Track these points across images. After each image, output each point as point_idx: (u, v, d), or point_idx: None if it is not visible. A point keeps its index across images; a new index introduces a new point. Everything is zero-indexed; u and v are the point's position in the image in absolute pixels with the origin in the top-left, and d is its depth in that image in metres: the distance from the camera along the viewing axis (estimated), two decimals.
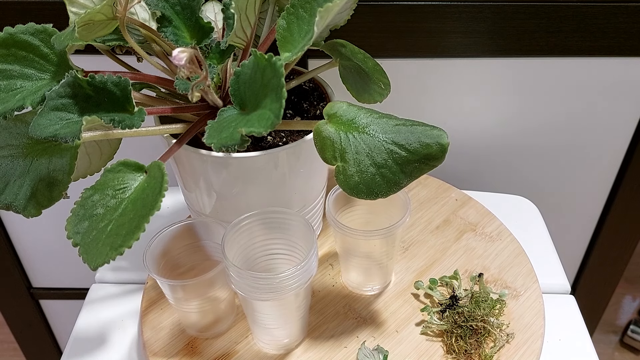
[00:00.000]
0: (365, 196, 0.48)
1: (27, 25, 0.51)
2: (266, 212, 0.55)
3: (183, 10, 0.54)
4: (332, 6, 0.44)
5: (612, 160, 0.93)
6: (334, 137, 0.48)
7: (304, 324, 0.59)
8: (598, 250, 1.04)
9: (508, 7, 0.75)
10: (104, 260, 0.41)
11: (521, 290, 0.65)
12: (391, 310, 0.63)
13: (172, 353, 0.59)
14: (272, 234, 0.56)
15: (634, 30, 0.77)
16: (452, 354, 0.58)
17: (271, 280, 0.50)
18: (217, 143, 0.45)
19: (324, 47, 0.59)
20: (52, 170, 0.51)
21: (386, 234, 0.57)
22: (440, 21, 0.76)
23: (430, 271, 0.67)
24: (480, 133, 0.90)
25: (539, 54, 0.80)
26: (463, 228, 0.73)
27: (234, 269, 0.50)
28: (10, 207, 0.52)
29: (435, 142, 0.48)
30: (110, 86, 0.47)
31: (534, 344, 0.59)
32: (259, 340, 0.59)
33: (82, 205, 0.44)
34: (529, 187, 0.96)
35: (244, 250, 0.56)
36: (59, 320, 1.16)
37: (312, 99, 0.66)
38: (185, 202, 0.66)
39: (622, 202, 0.96)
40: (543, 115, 0.87)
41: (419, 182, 0.79)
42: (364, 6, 0.74)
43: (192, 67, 0.47)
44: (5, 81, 0.51)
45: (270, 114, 0.43)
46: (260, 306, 0.54)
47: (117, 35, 0.55)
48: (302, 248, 0.55)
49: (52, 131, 0.45)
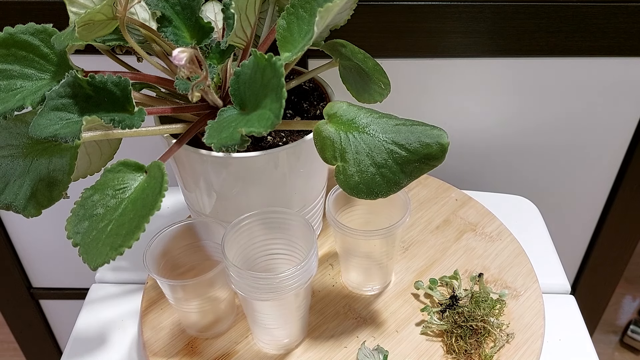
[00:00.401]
0: (365, 196, 0.48)
1: (27, 25, 0.51)
2: (266, 212, 0.55)
3: (183, 10, 0.54)
4: (332, 6, 0.44)
5: (612, 160, 0.93)
6: (334, 137, 0.48)
7: (304, 324, 0.59)
8: (598, 250, 1.04)
9: (508, 7, 0.75)
10: (104, 260, 0.41)
11: (521, 290, 0.65)
12: (391, 310, 0.63)
13: (172, 353, 0.59)
14: (272, 233, 0.56)
15: (634, 30, 0.77)
16: (452, 354, 0.58)
17: (271, 280, 0.50)
18: (217, 143, 0.45)
19: (324, 47, 0.59)
20: (52, 170, 0.51)
21: (386, 234, 0.57)
22: (440, 21, 0.76)
23: (430, 271, 0.67)
24: (480, 133, 0.90)
25: (539, 54, 0.80)
26: (463, 228, 0.73)
27: (233, 268, 0.50)
28: (10, 207, 0.52)
29: (435, 142, 0.48)
30: (110, 86, 0.47)
31: (534, 344, 0.59)
32: (259, 340, 0.59)
33: (82, 205, 0.44)
34: (529, 187, 0.96)
35: (244, 250, 0.56)
36: (59, 320, 1.16)
37: (312, 99, 0.66)
38: (185, 202, 0.66)
39: (622, 202, 0.96)
40: (543, 115, 0.87)
41: (419, 182, 0.79)
42: (364, 6, 0.74)
43: (192, 67, 0.47)
44: (5, 81, 0.51)
45: (270, 114, 0.43)
46: (260, 306, 0.54)
47: (117, 35, 0.55)
48: (302, 248, 0.55)
49: (52, 131, 0.45)
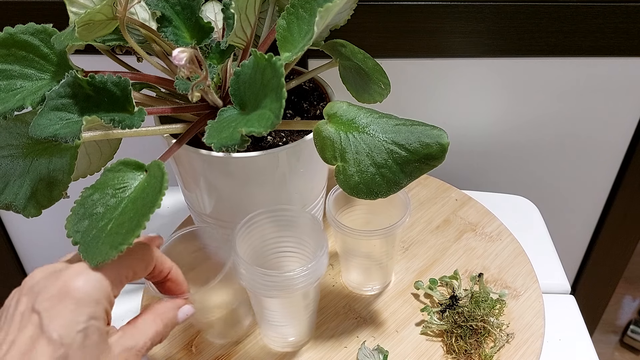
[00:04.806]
0: (365, 196, 0.48)
1: (27, 25, 0.51)
2: (277, 209, 0.55)
3: (183, 10, 0.54)
4: (332, 6, 0.44)
5: (612, 160, 0.93)
6: (334, 137, 0.48)
7: (312, 323, 0.59)
8: (598, 250, 1.04)
9: (508, 7, 0.75)
10: (103, 259, 0.41)
11: (521, 290, 0.65)
12: (391, 310, 0.63)
13: (172, 353, 0.59)
14: (284, 231, 0.56)
15: (634, 30, 0.77)
16: (452, 354, 0.58)
17: (278, 277, 0.50)
18: (217, 143, 0.45)
19: (324, 47, 0.59)
20: (52, 170, 0.51)
21: (386, 234, 0.57)
22: (440, 21, 0.76)
23: (430, 271, 0.67)
24: (480, 133, 0.90)
25: (539, 54, 0.80)
26: (463, 228, 0.73)
27: (243, 264, 0.50)
28: (10, 207, 0.52)
29: (435, 142, 0.48)
30: (110, 86, 0.47)
31: (534, 344, 0.59)
32: (265, 336, 0.59)
33: (82, 204, 0.44)
34: (529, 187, 0.96)
35: (255, 247, 0.56)
36: None
37: (312, 99, 0.66)
38: (185, 202, 0.66)
39: (622, 202, 0.96)
40: (543, 115, 0.87)
41: (419, 182, 0.79)
42: (364, 6, 0.74)
43: (192, 67, 0.47)
44: (5, 81, 0.51)
45: (270, 114, 0.43)
46: (268, 303, 0.54)
47: (117, 35, 0.55)
48: (312, 246, 0.55)
49: (52, 131, 0.45)
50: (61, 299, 0.38)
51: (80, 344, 0.38)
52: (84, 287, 0.39)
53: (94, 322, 0.39)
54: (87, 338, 0.38)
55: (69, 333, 0.37)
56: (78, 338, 0.38)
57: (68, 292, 0.38)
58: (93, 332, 0.38)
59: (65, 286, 0.39)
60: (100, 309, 0.39)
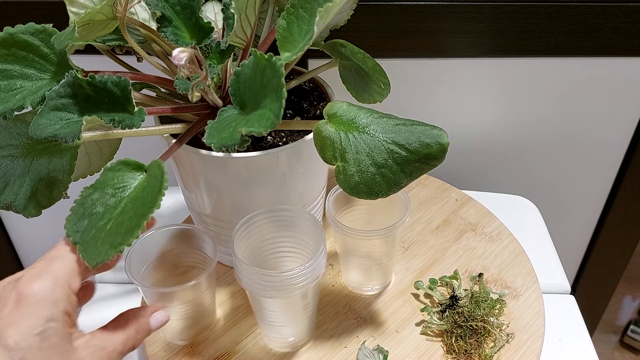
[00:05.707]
0: (365, 196, 0.48)
1: (27, 25, 0.51)
2: (276, 209, 0.55)
3: (183, 10, 0.54)
4: (332, 6, 0.44)
5: (612, 160, 0.93)
6: (334, 137, 0.48)
7: (311, 324, 0.59)
8: (598, 250, 1.04)
9: (508, 7, 0.75)
10: (103, 258, 0.41)
11: (521, 290, 0.65)
12: (391, 310, 0.63)
13: (172, 353, 0.59)
14: (282, 231, 0.56)
15: (634, 30, 0.77)
16: (452, 354, 0.58)
17: (276, 277, 0.50)
18: (217, 143, 0.45)
19: (324, 47, 0.59)
20: (52, 170, 0.51)
21: (386, 234, 0.57)
22: (440, 21, 0.76)
23: (430, 271, 0.67)
24: (480, 133, 0.90)
25: (539, 54, 0.80)
26: (463, 228, 0.73)
27: (241, 264, 0.50)
28: (10, 207, 0.52)
29: (435, 141, 0.48)
30: (110, 86, 0.47)
31: (534, 344, 0.59)
32: (265, 336, 0.59)
33: (82, 203, 0.44)
34: (529, 187, 0.96)
35: (254, 247, 0.56)
36: None
37: (312, 99, 0.66)
38: (185, 202, 0.66)
39: (622, 202, 0.96)
40: (543, 115, 0.87)
41: (419, 182, 0.79)
42: (364, 6, 0.74)
43: (192, 67, 0.47)
44: (5, 81, 0.51)
45: (270, 114, 0.43)
46: (267, 303, 0.54)
47: (117, 35, 0.55)
48: (311, 247, 0.55)
49: (52, 131, 0.45)
50: (17, 305, 0.39)
51: (38, 346, 0.38)
52: (40, 291, 0.39)
53: (53, 324, 0.39)
54: (46, 340, 0.38)
55: (26, 337, 0.38)
56: (35, 341, 0.38)
57: (24, 297, 0.39)
58: (52, 334, 0.39)
59: (20, 292, 0.39)
60: (59, 311, 0.40)
